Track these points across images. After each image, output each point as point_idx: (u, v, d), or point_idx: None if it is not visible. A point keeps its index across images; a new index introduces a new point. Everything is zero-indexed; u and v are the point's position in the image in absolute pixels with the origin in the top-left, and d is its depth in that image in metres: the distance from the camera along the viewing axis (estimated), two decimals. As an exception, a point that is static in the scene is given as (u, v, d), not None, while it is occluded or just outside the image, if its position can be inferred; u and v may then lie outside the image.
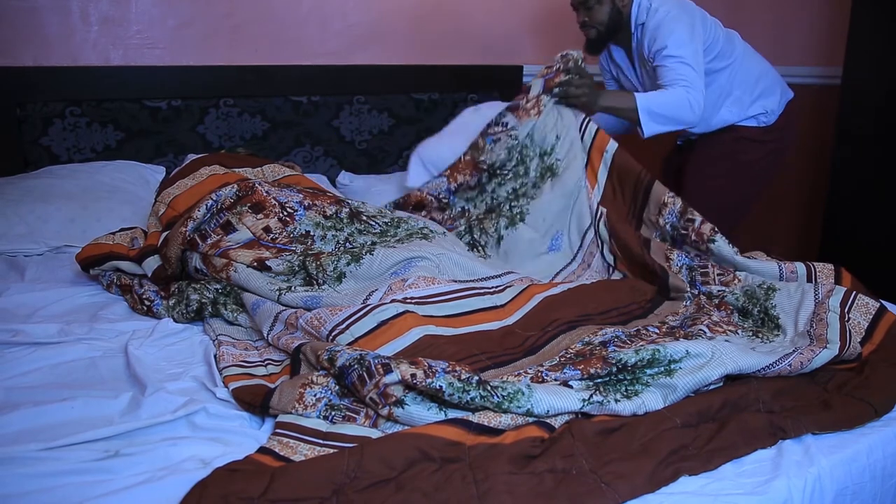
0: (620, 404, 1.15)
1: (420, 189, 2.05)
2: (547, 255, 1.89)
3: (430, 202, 2.03)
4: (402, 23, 2.85)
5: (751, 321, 1.52)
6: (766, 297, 1.54)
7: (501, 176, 2.00)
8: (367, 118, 2.81)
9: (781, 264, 1.65)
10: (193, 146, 2.51)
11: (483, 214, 2.00)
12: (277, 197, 1.74)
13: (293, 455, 1.04)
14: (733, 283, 1.62)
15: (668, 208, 1.78)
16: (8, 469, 0.98)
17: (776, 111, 2.27)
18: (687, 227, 1.73)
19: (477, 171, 2.00)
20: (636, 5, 2.14)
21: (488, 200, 2.01)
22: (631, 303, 1.59)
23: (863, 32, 2.51)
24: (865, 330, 1.41)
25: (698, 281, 1.65)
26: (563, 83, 2.00)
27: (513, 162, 1.99)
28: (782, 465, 1.06)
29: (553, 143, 1.99)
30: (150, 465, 1.01)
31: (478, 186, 2.02)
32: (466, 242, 1.94)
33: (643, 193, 1.85)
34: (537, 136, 2.00)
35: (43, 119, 2.31)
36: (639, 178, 1.86)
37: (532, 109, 2.00)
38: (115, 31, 2.41)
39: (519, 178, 1.98)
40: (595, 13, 2.15)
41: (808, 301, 1.48)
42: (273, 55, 2.64)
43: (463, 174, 2.01)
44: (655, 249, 1.74)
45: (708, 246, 1.69)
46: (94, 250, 1.74)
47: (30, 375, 1.29)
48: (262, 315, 1.50)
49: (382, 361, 1.14)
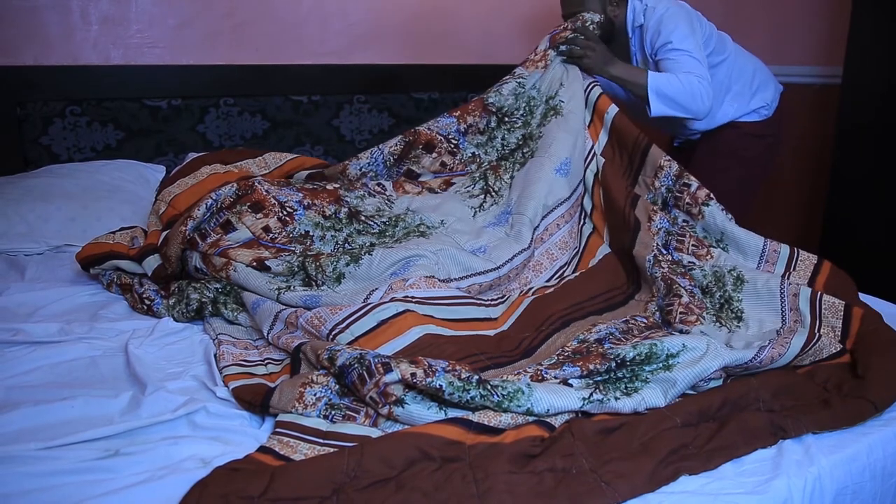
0: (620, 402, 1.15)
1: (430, 128, 2.02)
2: (554, 175, 1.87)
3: (441, 142, 2.01)
4: (403, 22, 2.85)
5: (708, 300, 1.55)
6: (734, 287, 1.56)
7: (511, 123, 2.02)
8: (367, 117, 2.81)
9: (767, 241, 1.68)
10: (194, 145, 2.51)
11: (496, 161, 2.01)
12: (277, 196, 1.74)
13: (293, 454, 1.04)
14: (705, 257, 1.64)
15: (665, 171, 1.81)
16: (8, 468, 0.98)
17: (773, 104, 2.29)
18: (682, 191, 1.76)
19: (486, 113, 2.02)
20: (630, 10, 2.13)
21: (499, 147, 2.02)
22: (611, 289, 1.63)
23: (863, 32, 2.51)
24: (840, 331, 1.42)
25: (672, 246, 1.67)
26: (569, 40, 2.02)
27: (520, 110, 2.02)
28: (782, 465, 1.06)
29: (557, 89, 2.01)
30: (151, 465, 1.01)
31: (487, 131, 2.03)
32: (480, 188, 1.94)
33: (640, 155, 1.87)
34: (543, 87, 2.03)
35: (43, 118, 2.31)
36: (637, 141, 1.88)
37: (539, 62, 2.05)
38: (115, 30, 2.41)
39: (528, 127, 2.01)
40: None
41: (774, 302, 1.51)
42: (273, 54, 2.64)
43: (472, 115, 2.02)
44: (641, 208, 1.76)
45: (701, 209, 1.72)
46: (95, 249, 1.74)
47: (30, 374, 1.29)
48: (262, 314, 1.50)
49: (382, 360, 1.14)
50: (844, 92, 2.59)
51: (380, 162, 1.94)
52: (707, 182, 2.28)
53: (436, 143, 1.99)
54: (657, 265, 1.60)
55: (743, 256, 1.68)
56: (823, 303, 1.46)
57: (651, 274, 1.61)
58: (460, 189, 1.95)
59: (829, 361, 1.33)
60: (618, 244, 1.78)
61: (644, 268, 1.64)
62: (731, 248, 1.71)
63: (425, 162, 1.99)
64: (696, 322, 1.46)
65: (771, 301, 1.52)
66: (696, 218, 1.73)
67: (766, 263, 1.65)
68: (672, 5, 2.09)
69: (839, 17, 2.82)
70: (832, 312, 1.45)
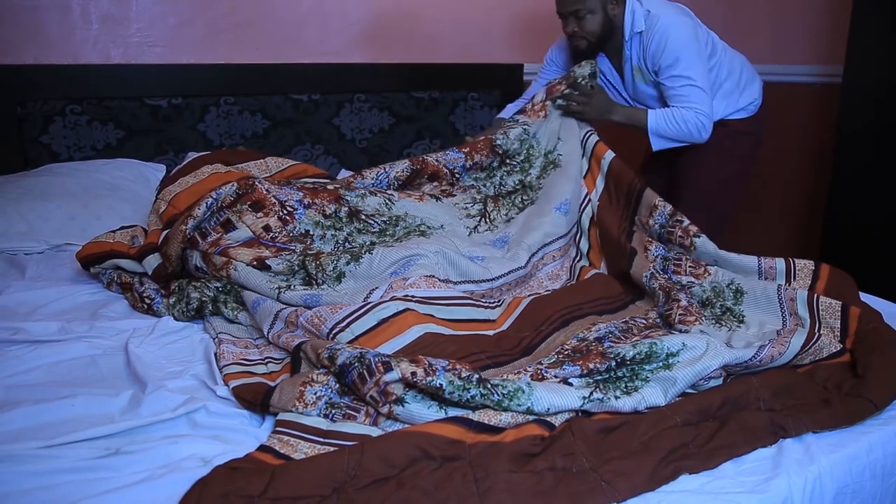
0: (621, 401, 1.15)
1: (438, 160, 2.03)
2: (554, 213, 1.91)
3: (445, 175, 2.02)
4: (403, 21, 2.85)
5: (709, 310, 1.57)
6: (734, 301, 1.58)
7: (510, 166, 2.05)
8: (367, 116, 2.81)
9: (761, 259, 1.69)
10: (194, 144, 2.51)
11: (493, 195, 2.03)
12: (277, 195, 1.74)
13: (293, 453, 1.04)
14: (703, 276, 1.66)
15: (659, 210, 1.84)
16: (8, 467, 0.98)
17: (759, 100, 2.31)
18: (675, 226, 1.79)
19: (492, 154, 2.04)
20: (630, 12, 2.11)
21: (497, 184, 2.04)
22: (608, 296, 1.65)
23: (864, 31, 2.50)
24: (839, 331, 1.42)
25: (670, 270, 1.70)
26: (565, 96, 2.07)
27: (521, 156, 2.05)
28: (783, 464, 1.06)
29: (556, 143, 2.07)
30: (151, 464, 1.01)
31: (488, 169, 2.06)
32: (478, 210, 1.96)
33: (636, 198, 1.90)
34: (543, 139, 2.08)
35: (43, 117, 2.31)
36: (632, 184, 1.92)
37: (540, 112, 2.09)
38: (115, 29, 2.41)
39: (526, 174, 2.04)
40: (587, 23, 2.10)
41: (773, 308, 1.52)
42: (273, 53, 2.64)
43: (480, 154, 2.03)
44: (637, 240, 1.81)
45: (692, 240, 1.75)
46: (95, 248, 1.74)
47: (30, 373, 1.29)
48: (263, 313, 1.50)
49: (383, 359, 1.14)
50: (845, 91, 2.59)
51: (384, 184, 1.94)
52: (697, 182, 2.30)
53: (441, 175, 2.02)
54: (654, 279, 1.62)
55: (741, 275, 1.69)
56: (821, 304, 1.47)
57: (649, 287, 1.62)
58: (460, 203, 1.97)
59: (829, 361, 1.33)
60: (615, 269, 1.80)
61: (642, 283, 1.65)
62: (727, 269, 1.71)
63: (426, 188, 2.01)
64: (696, 322, 1.46)
65: (770, 306, 1.53)
66: (689, 250, 1.76)
67: (766, 280, 1.66)
68: (676, 17, 2.08)
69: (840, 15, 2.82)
70: (830, 313, 1.45)
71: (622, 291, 1.69)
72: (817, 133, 2.96)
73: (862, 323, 1.40)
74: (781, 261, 1.67)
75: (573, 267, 1.87)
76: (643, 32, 2.11)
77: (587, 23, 2.10)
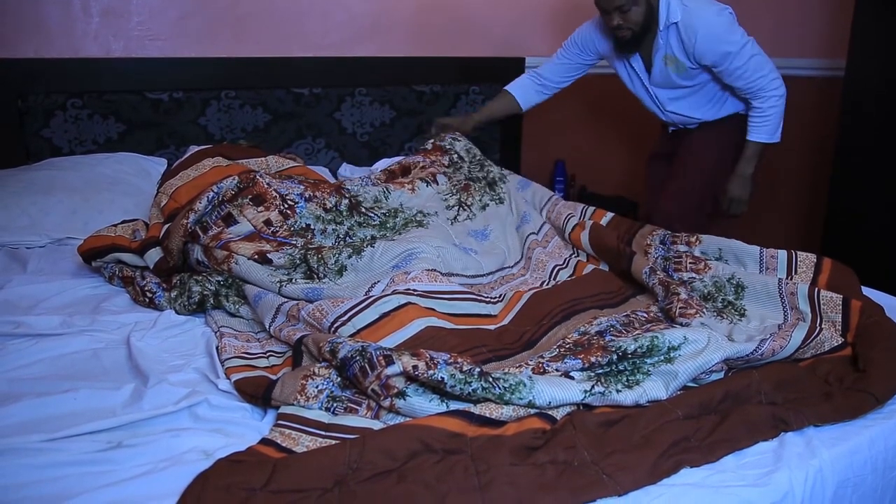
0: (622, 394, 1.15)
1: (416, 160, 2.13)
2: (520, 227, 2.00)
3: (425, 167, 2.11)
4: (404, 14, 2.84)
5: (710, 304, 1.57)
6: (735, 294, 1.58)
7: (471, 165, 2.20)
8: (368, 110, 2.80)
9: (763, 249, 1.69)
10: (195, 138, 2.50)
11: (465, 181, 2.09)
12: (278, 189, 1.74)
13: (295, 446, 1.04)
14: (704, 270, 1.66)
15: (657, 232, 1.85)
16: (11, 460, 0.98)
17: None
18: (677, 235, 1.81)
19: (448, 160, 2.16)
20: (665, 2, 2.13)
21: (466, 172, 2.14)
22: (608, 291, 1.64)
23: (866, 24, 2.50)
24: (840, 325, 1.42)
25: (671, 268, 1.70)
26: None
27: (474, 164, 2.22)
28: (784, 457, 1.06)
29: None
30: (153, 457, 1.01)
31: (451, 165, 2.14)
32: (456, 200, 2.00)
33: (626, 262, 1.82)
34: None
35: (44, 111, 2.31)
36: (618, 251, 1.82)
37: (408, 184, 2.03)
38: (116, 22, 2.40)
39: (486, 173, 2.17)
40: (631, 15, 2.13)
41: (774, 302, 1.52)
42: (275, 47, 2.63)
43: (437, 164, 2.12)
44: (636, 244, 1.83)
45: (697, 237, 1.79)
46: (96, 242, 1.74)
47: (32, 367, 1.29)
48: (264, 307, 1.50)
49: (384, 353, 1.14)
50: (847, 84, 2.58)
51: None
52: (696, 165, 2.33)
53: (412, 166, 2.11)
54: (654, 275, 1.62)
55: (743, 267, 1.69)
56: (821, 298, 1.46)
57: (649, 282, 1.62)
58: (442, 191, 2.00)
59: (831, 354, 1.33)
60: (615, 269, 1.79)
61: (642, 279, 1.65)
62: (730, 260, 1.72)
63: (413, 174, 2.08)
64: (697, 315, 1.46)
65: (770, 301, 1.53)
66: (694, 245, 1.77)
67: (768, 270, 1.66)
68: (716, 15, 2.11)
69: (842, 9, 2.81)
70: (831, 307, 1.45)
71: (622, 286, 1.69)
72: (819, 127, 2.95)
73: (863, 317, 1.40)
74: (784, 252, 1.67)
75: (569, 260, 1.86)
76: (678, 23, 2.12)
77: (632, 14, 2.13)
